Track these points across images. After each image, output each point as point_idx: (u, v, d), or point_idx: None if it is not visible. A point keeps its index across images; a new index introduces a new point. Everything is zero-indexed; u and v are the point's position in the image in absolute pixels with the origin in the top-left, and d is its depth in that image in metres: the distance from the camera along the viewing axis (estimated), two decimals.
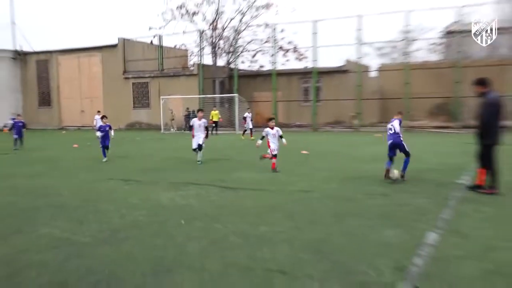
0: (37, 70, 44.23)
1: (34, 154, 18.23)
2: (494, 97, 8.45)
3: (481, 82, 8.65)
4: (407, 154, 10.24)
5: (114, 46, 40.28)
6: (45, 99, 44.12)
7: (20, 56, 44.42)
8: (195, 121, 14.21)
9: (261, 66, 39.56)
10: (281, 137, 12.46)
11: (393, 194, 8.63)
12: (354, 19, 32.37)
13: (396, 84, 34.24)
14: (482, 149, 8.59)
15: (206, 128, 14.31)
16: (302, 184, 10.00)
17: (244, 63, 40.02)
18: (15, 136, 20.25)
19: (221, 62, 39.71)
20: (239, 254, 5.28)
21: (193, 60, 41.00)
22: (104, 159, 14.94)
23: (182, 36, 42.51)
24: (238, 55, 38.73)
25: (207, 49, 38.90)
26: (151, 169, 12.99)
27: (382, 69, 41.78)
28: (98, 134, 10.84)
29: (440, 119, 33.75)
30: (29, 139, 28.45)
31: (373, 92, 39.05)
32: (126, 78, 39.88)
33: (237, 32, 38.30)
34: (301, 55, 37.20)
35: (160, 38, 39.38)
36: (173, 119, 35.63)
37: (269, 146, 12.33)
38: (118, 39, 40.02)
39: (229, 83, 38.61)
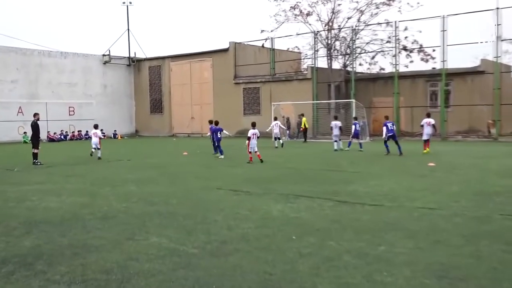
0: (150, 76, 47.43)
1: (147, 161, 19.50)
2: None
3: None
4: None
5: (225, 50, 41.86)
6: (157, 106, 47.12)
7: (134, 63, 47.99)
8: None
9: (381, 69, 38.66)
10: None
11: None
12: (490, 13, 30.49)
13: None
14: None
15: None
16: (425, 200, 9.60)
17: (362, 66, 39.32)
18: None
19: (336, 65, 39.55)
20: (355, 275, 5.19)
21: (306, 63, 41.25)
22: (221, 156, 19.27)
23: (295, 38, 42.66)
24: (355, 57, 38.24)
25: (322, 51, 38.93)
26: (260, 178, 13.26)
27: None
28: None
29: None
30: (141, 145, 30.52)
31: None
32: (236, 83, 41.21)
33: (355, 32, 37.83)
34: (428, 55, 35.70)
35: (272, 41, 40.16)
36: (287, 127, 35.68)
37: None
38: (229, 43, 41.55)
39: (345, 88, 38.26)
